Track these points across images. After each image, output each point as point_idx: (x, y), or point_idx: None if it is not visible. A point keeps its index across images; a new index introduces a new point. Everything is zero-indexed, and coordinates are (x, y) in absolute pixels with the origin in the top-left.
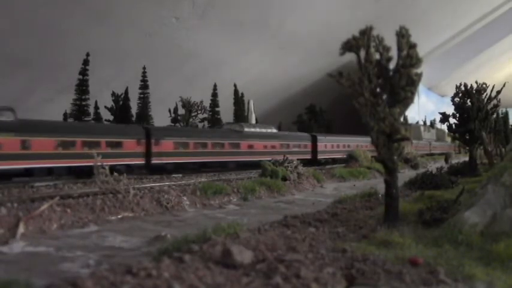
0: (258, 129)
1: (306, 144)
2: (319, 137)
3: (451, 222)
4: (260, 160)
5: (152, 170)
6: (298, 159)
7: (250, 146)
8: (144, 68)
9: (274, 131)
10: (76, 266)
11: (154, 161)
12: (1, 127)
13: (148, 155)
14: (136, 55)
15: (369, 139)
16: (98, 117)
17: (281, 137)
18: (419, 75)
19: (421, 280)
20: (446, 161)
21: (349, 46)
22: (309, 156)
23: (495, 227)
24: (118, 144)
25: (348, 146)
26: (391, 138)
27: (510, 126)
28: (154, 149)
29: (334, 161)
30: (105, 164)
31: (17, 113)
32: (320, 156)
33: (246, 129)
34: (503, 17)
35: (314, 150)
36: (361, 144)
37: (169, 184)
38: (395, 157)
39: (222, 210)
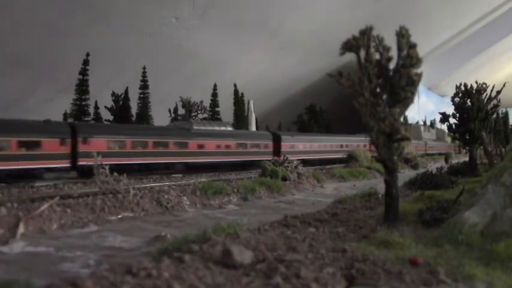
0: (209, 127)
1: (267, 144)
2: (283, 137)
3: (451, 222)
4: (213, 161)
5: (80, 173)
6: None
7: (201, 146)
8: (144, 68)
9: (230, 129)
10: (76, 266)
11: (82, 162)
12: None
13: (74, 155)
14: (136, 55)
15: (356, 138)
16: (98, 117)
17: (237, 135)
18: (419, 75)
19: (421, 280)
20: (446, 161)
21: (349, 46)
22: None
23: (495, 227)
24: (35, 145)
25: (327, 147)
26: (391, 138)
27: (510, 126)
28: (82, 148)
29: (305, 162)
30: (17, 167)
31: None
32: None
33: (196, 127)
34: (503, 17)
35: (277, 151)
36: (345, 144)
37: (169, 184)
38: (395, 157)
39: (222, 210)
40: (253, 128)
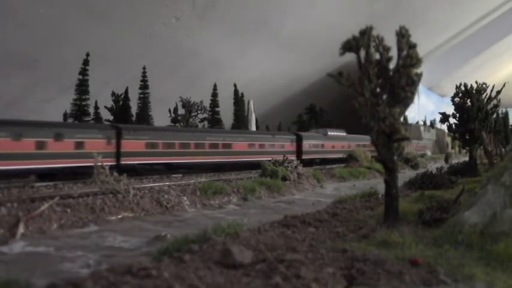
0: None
1: (96, 142)
2: (125, 131)
3: (451, 222)
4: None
5: None
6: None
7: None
8: (144, 68)
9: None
10: (76, 266)
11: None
12: None
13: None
14: (136, 55)
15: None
16: (97, 117)
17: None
18: (419, 75)
19: (421, 280)
20: (446, 161)
21: (349, 46)
22: (112, 162)
23: (495, 227)
24: None
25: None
26: (391, 138)
27: (510, 126)
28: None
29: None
30: None
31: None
32: (126, 161)
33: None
34: (503, 17)
35: (118, 153)
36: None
37: (169, 184)
38: (395, 157)
39: (222, 210)
40: (253, 128)
